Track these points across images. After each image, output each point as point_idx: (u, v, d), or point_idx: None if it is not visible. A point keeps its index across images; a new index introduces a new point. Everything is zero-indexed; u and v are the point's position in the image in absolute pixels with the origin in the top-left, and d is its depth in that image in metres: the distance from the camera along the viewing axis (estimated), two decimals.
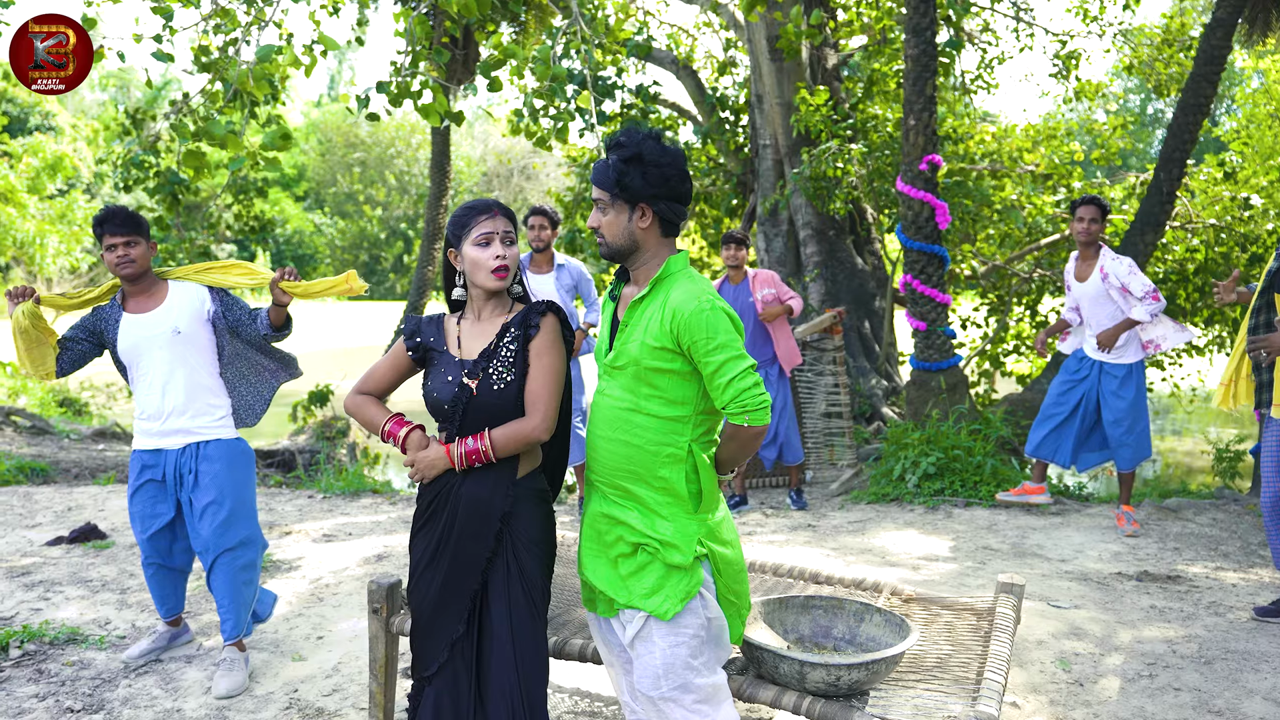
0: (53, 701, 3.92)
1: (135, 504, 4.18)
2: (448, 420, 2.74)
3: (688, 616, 2.57)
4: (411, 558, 2.85)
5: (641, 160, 2.53)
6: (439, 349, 2.82)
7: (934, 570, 5.37)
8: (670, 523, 2.57)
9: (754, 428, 2.50)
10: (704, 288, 2.55)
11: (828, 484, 8.06)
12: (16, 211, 20.74)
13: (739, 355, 2.48)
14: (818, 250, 10.51)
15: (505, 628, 2.76)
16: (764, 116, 10.79)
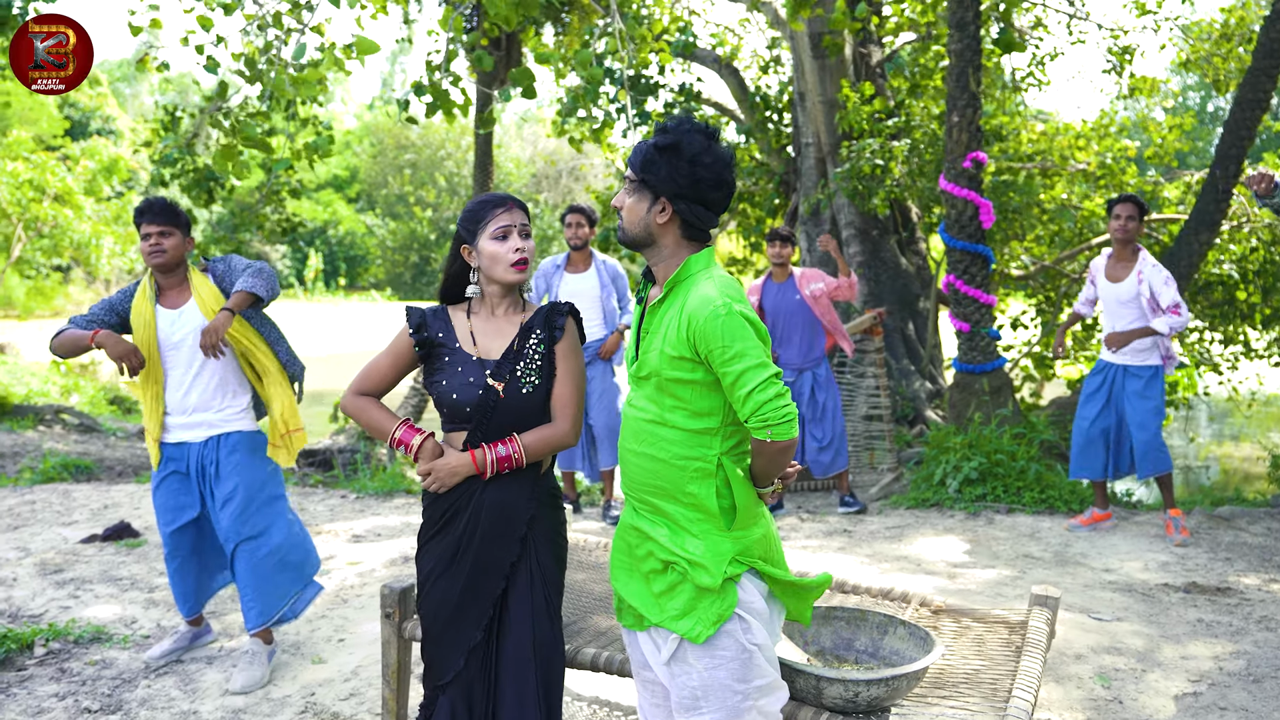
0: (72, 701, 3.91)
1: (159, 496, 4.19)
2: (467, 422, 2.67)
3: (723, 639, 2.39)
4: (423, 566, 2.76)
5: (677, 152, 2.35)
6: (450, 345, 2.73)
7: (971, 579, 5.21)
8: (701, 541, 2.39)
9: (778, 443, 2.31)
10: (723, 289, 2.34)
11: (867, 488, 7.89)
12: (74, 213, 21.16)
13: (759, 364, 2.27)
14: (860, 250, 10.33)
15: (527, 632, 2.70)
16: (806, 115, 10.63)
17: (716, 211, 2.42)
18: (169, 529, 4.15)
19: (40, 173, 20.68)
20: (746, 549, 2.43)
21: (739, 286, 2.44)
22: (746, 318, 2.30)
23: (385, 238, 48.82)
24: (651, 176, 2.37)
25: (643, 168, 2.39)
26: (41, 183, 20.69)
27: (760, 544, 2.46)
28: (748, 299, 2.46)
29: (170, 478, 4.14)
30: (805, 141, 10.75)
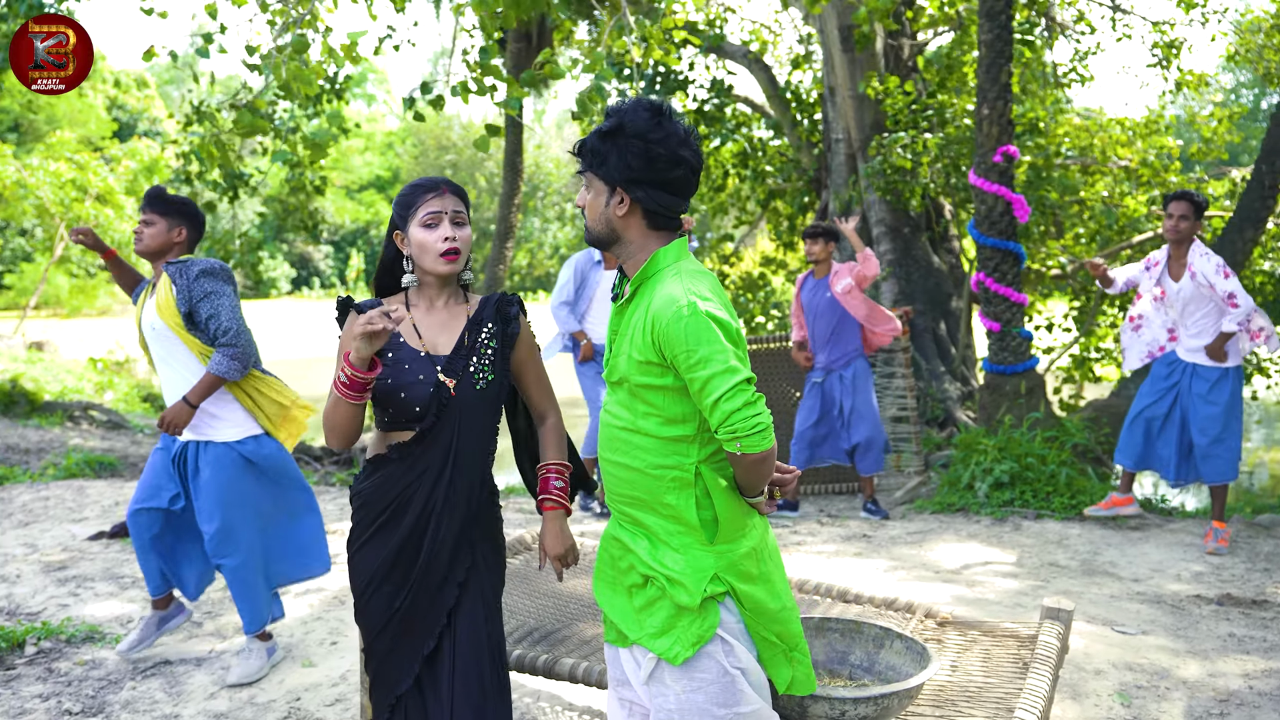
0: (55, 702, 3.83)
1: (145, 470, 4.10)
2: (415, 421, 2.51)
3: (703, 661, 2.21)
4: (360, 571, 2.58)
5: (622, 134, 2.16)
6: (394, 340, 2.55)
7: (991, 588, 4.99)
8: (680, 555, 2.21)
9: (750, 455, 2.10)
10: (689, 285, 2.13)
11: (892, 491, 7.67)
12: (114, 213, 21.38)
13: (726, 369, 2.06)
14: (892, 248, 10.09)
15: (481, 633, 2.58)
16: (836, 110, 10.41)
17: (682, 194, 2.22)
18: (134, 506, 4.01)
19: (82, 173, 20.93)
20: (732, 564, 2.23)
21: (711, 281, 2.24)
22: (713, 318, 2.09)
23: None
24: (602, 166, 2.19)
25: (591, 158, 2.21)
26: (84, 183, 20.93)
27: (749, 559, 2.27)
28: (721, 294, 2.24)
29: (158, 455, 4.05)
30: (835, 137, 10.53)
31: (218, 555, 3.94)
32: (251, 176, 9.86)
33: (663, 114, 2.19)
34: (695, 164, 2.22)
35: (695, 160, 2.22)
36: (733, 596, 2.25)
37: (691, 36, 6.05)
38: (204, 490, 3.92)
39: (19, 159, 23.31)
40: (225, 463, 3.93)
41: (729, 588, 2.23)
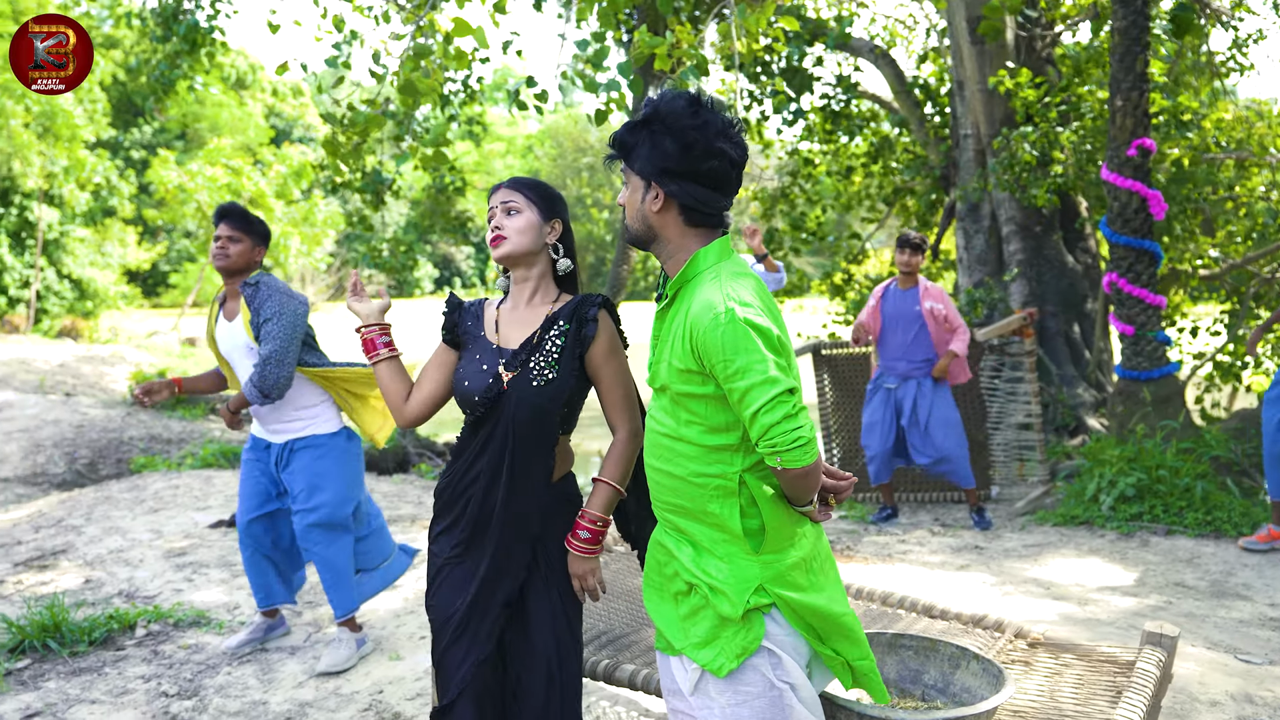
0: (155, 684, 3.99)
1: (242, 483, 4.25)
2: (473, 409, 2.52)
3: (749, 674, 2.11)
4: (434, 560, 2.63)
5: (656, 123, 2.08)
6: (476, 334, 2.60)
7: (1105, 607, 4.70)
8: (725, 564, 2.12)
9: (791, 470, 2.00)
10: (729, 290, 2.02)
11: (1014, 501, 7.34)
12: (264, 215, 22.41)
13: (766, 380, 1.95)
14: (1022, 247, 9.65)
15: (548, 638, 2.58)
16: (965, 104, 10.02)
17: (721, 189, 2.12)
18: (244, 519, 4.19)
19: (237, 177, 22.04)
20: (779, 575, 2.13)
21: (754, 284, 2.12)
22: (753, 325, 1.98)
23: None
24: (635, 159, 2.12)
25: (623, 150, 2.14)
26: (238, 187, 22.03)
27: (797, 569, 2.16)
28: (765, 297, 2.12)
29: (253, 466, 4.20)
30: (964, 133, 10.14)
31: (309, 542, 4.05)
32: (394, 180, 10.13)
33: (700, 104, 2.10)
34: (735, 156, 2.11)
35: (735, 152, 2.11)
36: (780, 608, 2.14)
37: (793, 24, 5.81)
38: (299, 480, 4.04)
39: (181, 165, 24.70)
40: (320, 454, 4.07)
41: (776, 599, 2.13)
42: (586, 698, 3.83)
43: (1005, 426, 7.77)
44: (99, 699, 3.85)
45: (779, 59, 11.29)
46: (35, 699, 3.83)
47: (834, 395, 8.17)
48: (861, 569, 5.41)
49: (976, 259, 10.14)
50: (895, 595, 3.59)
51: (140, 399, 4.00)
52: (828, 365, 8.17)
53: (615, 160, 2.20)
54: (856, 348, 7.74)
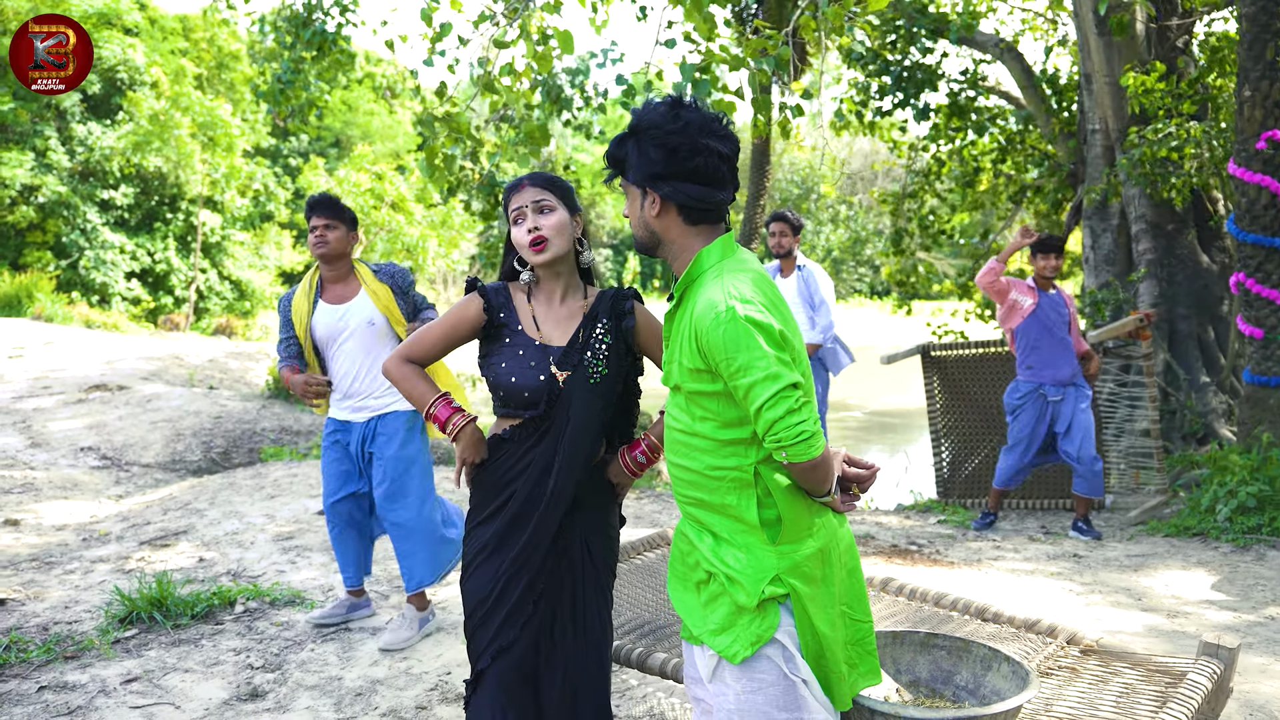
0: (243, 657, 4.24)
1: (324, 468, 4.47)
2: (525, 408, 2.62)
3: (763, 663, 2.15)
4: (469, 549, 2.72)
5: (639, 134, 2.16)
6: (512, 326, 2.67)
7: (1196, 621, 4.48)
8: (743, 554, 2.16)
9: (797, 464, 2.05)
10: (730, 288, 2.06)
11: (1128, 511, 7.04)
12: (405, 219, 23.24)
13: (769, 375, 1.99)
14: (1152, 246, 9.22)
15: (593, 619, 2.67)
16: (1092, 98, 9.64)
17: (714, 184, 2.16)
18: (330, 499, 4.42)
19: (380, 182, 22.92)
20: (795, 565, 2.16)
21: (755, 278, 2.15)
22: (753, 321, 2.02)
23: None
24: (628, 170, 2.20)
25: (616, 164, 2.23)
26: (380, 192, 22.90)
27: (813, 560, 2.19)
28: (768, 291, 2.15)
29: (334, 449, 4.42)
30: (1091, 128, 9.76)
31: (387, 511, 4.26)
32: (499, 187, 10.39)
33: (680, 106, 2.17)
34: (724, 150, 2.16)
35: (724, 146, 2.16)
36: (794, 599, 2.17)
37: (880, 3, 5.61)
38: (385, 449, 4.30)
39: (329, 172, 25.86)
40: (407, 424, 4.33)
41: (791, 589, 2.16)
42: (644, 688, 3.89)
43: (1122, 433, 7.46)
44: (192, 668, 4.12)
45: (901, 55, 11.10)
46: (136, 665, 4.13)
47: (943, 398, 8.00)
48: (946, 573, 5.30)
49: (1104, 259, 9.75)
50: (949, 597, 3.53)
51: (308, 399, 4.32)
52: (937, 367, 8.01)
53: (614, 177, 2.28)
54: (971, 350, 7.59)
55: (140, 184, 25.30)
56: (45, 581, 5.32)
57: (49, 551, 5.97)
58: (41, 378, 12.08)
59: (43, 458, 8.66)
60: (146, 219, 25.99)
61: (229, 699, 3.85)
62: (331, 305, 4.35)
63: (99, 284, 23.95)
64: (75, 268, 23.89)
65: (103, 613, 4.70)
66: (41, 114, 24.16)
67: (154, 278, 25.84)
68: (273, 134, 33.86)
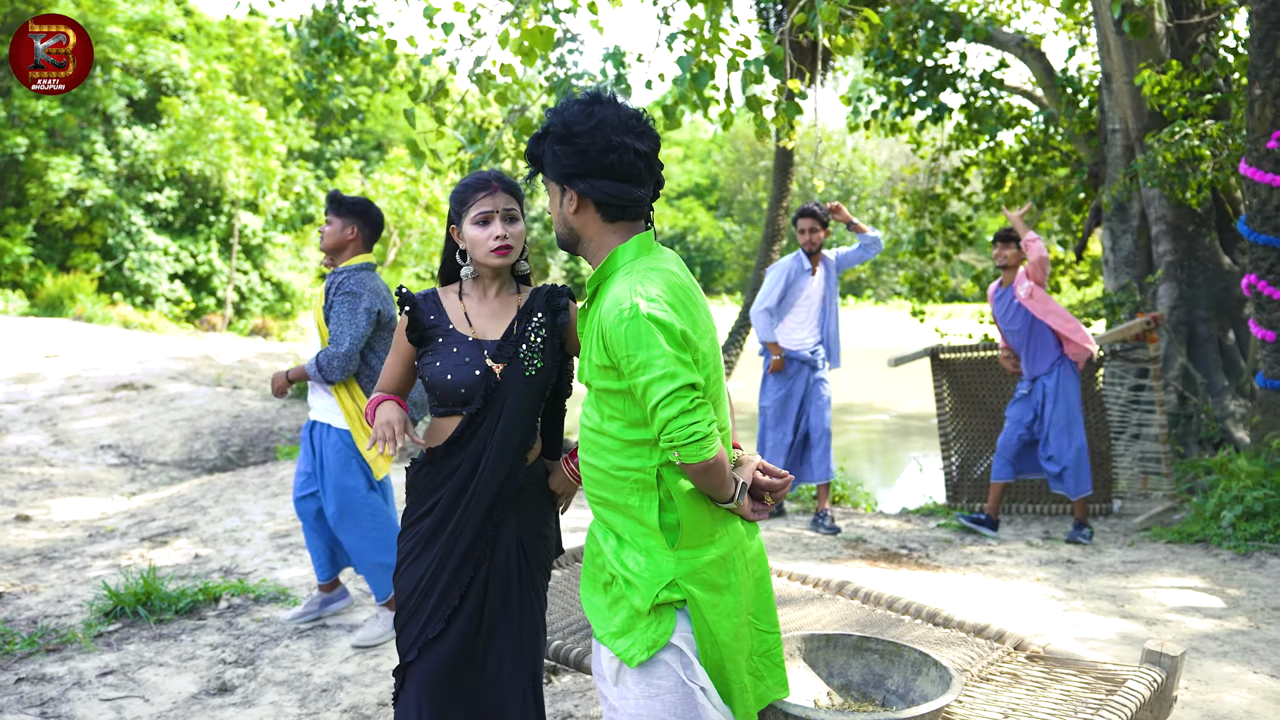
0: (219, 652, 4.31)
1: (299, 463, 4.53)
2: (462, 405, 2.64)
3: (660, 668, 2.16)
4: (402, 548, 2.73)
5: (552, 130, 2.17)
6: (443, 326, 2.68)
7: (1179, 629, 4.40)
8: (642, 557, 2.17)
9: (689, 465, 2.05)
10: (637, 286, 2.07)
11: (1135, 516, 6.92)
12: (438, 221, 23.44)
13: (665, 374, 2.00)
14: (1172, 248, 9.05)
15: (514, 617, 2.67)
16: (1112, 98, 9.49)
17: (630, 181, 2.16)
18: (295, 496, 4.47)
19: (414, 184, 23.16)
20: (694, 571, 2.16)
21: (665, 278, 2.14)
22: (655, 320, 2.02)
23: (741, 243, 49.80)
24: (545, 167, 2.21)
25: (534, 162, 2.24)
26: (414, 193, 23.15)
27: (714, 567, 2.18)
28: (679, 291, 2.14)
29: (303, 446, 4.48)
30: (1112, 128, 9.60)
31: (339, 530, 4.30)
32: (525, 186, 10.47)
33: (597, 102, 2.17)
34: (640, 147, 2.15)
35: (641, 143, 2.16)
36: (692, 606, 2.16)
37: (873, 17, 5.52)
38: (324, 469, 4.30)
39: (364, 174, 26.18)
40: (336, 446, 4.28)
41: (688, 595, 2.15)
42: None
43: (1130, 438, 7.34)
44: (167, 662, 4.19)
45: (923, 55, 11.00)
46: (114, 659, 4.21)
47: (952, 402, 7.92)
48: (928, 577, 5.25)
49: (1124, 260, 9.60)
50: (902, 601, 3.51)
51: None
52: (946, 370, 7.93)
53: (534, 174, 2.29)
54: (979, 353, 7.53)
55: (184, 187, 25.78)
56: (44, 575, 5.45)
57: (53, 546, 6.11)
58: (74, 377, 12.35)
59: (63, 455, 8.86)
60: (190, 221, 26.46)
61: (198, 693, 3.92)
62: None
63: (143, 285, 24.43)
64: (120, 269, 24.40)
65: (90, 607, 4.80)
66: (89, 118, 24.72)
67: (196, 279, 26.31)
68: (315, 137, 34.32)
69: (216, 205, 26.34)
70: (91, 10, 23.47)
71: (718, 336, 2.30)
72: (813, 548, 5.97)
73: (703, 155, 56.93)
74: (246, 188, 24.27)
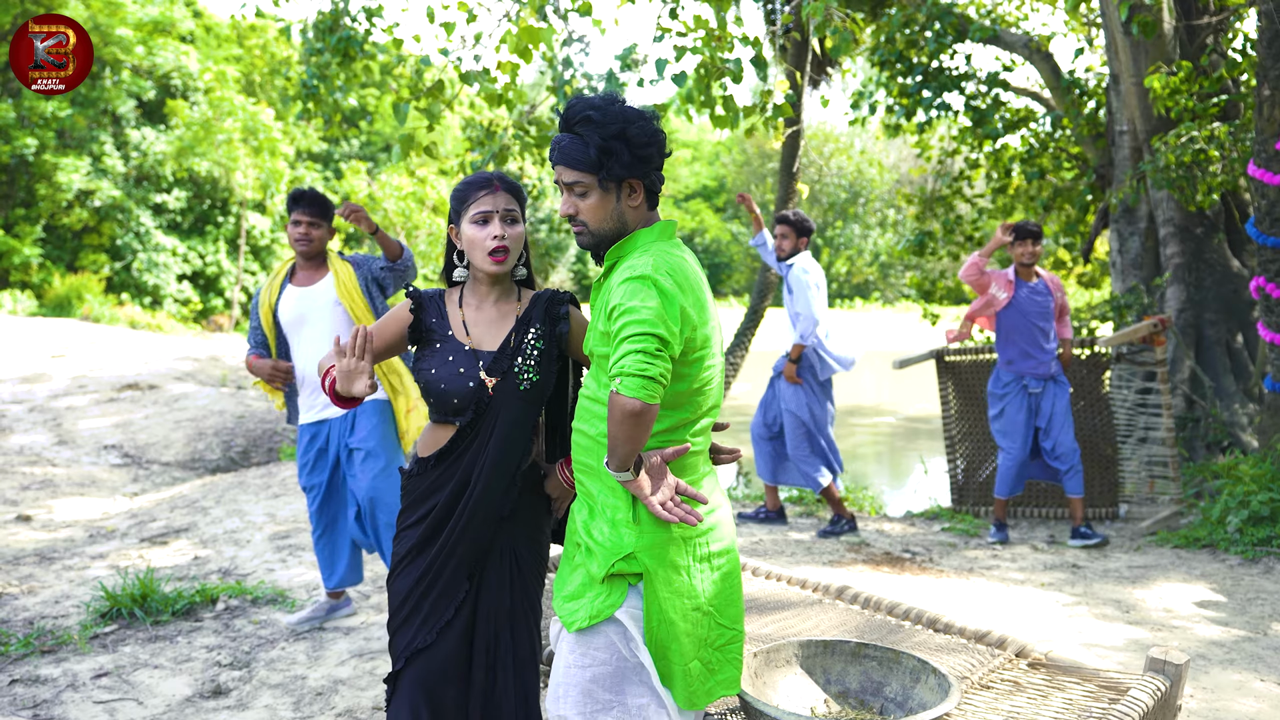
0: (214, 654, 4.28)
1: (307, 480, 4.49)
2: (456, 415, 2.59)
3: (597, 639, 2.20)
4: (398, 550, 2.69)
5: (626, 136, 2.22)
6: (443, 332, 2.63)
7: (1185, 636, 4.35)
8: (608, 528, 2.21)
9: (622, 400, 2.04)
10: (656, 259, 2.15)
11: (1141, 521, 6.86)
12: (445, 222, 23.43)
13: (644, 321, 2.05)
14: (1180, 250, 8.99)
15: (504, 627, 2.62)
16: (1120, 99, 9.42)
17: (661, 167, 2.32)
18: (312, 506, 4.45)
19: (421, 185, 23.14)
20: (654, 547, 2.19)
21: (679, 264, 2.20)
22: (659, 286, 2.10)
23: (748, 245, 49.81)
24: (615, 167, 2.22)
25: (599, 164, 2.22)
26: (422, 195, 23.12)
27: (677, 546, 2.21)
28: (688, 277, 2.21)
29: (313, 455, 4.43)
30: (1119, 129, 9.54)
31: (374, 495, 4.28)
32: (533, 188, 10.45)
33: (626, 102, 2.28)
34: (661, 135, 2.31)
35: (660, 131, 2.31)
36: (646, 580, 2.18)
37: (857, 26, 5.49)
38: (368, 435, 4.30)
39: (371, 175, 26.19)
40: (380, 411, 4.32)
41: (644, 569, 2.17)
42: None
43: (1136, 441, 7.27)
44: (162, 664, 4.17)
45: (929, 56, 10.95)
46: (109, 660, 4.19)
47: (958, 404, 7.86)
48: (930, 582, 5.20)
49: (1131, 263, 9.53)
50: (902, 606, 3.46)
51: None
52: (951, 372, 7.87)
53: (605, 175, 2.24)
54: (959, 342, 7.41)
55: (192, 188, 25.83)
56: (42, 576, 5.43)
57: (53, 547, 6.09)
58: (79, 377, 12.36)
59: (66, 455, 8.86)
60: (198, 222, 26.51)
61: (192, 696, 3.89)
62: (298, 288, 4.36)
63: (151, 286, 24.46)
64: (129, 270, 24.44)
65: (87, 608, 4.77)
66: (98, 119, 24.78)
67: (205, 280, 26.35)
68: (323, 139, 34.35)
69: (225, 206, 26.39)
70: (101, 12, 23.51)
71: (722, 335, 2.33)
72: (815, 551, 5.92)
73: (710, 157, 56.88)
74: (254, 189, 24.30)
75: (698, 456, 2.30)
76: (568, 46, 10.33)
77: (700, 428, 2.28)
